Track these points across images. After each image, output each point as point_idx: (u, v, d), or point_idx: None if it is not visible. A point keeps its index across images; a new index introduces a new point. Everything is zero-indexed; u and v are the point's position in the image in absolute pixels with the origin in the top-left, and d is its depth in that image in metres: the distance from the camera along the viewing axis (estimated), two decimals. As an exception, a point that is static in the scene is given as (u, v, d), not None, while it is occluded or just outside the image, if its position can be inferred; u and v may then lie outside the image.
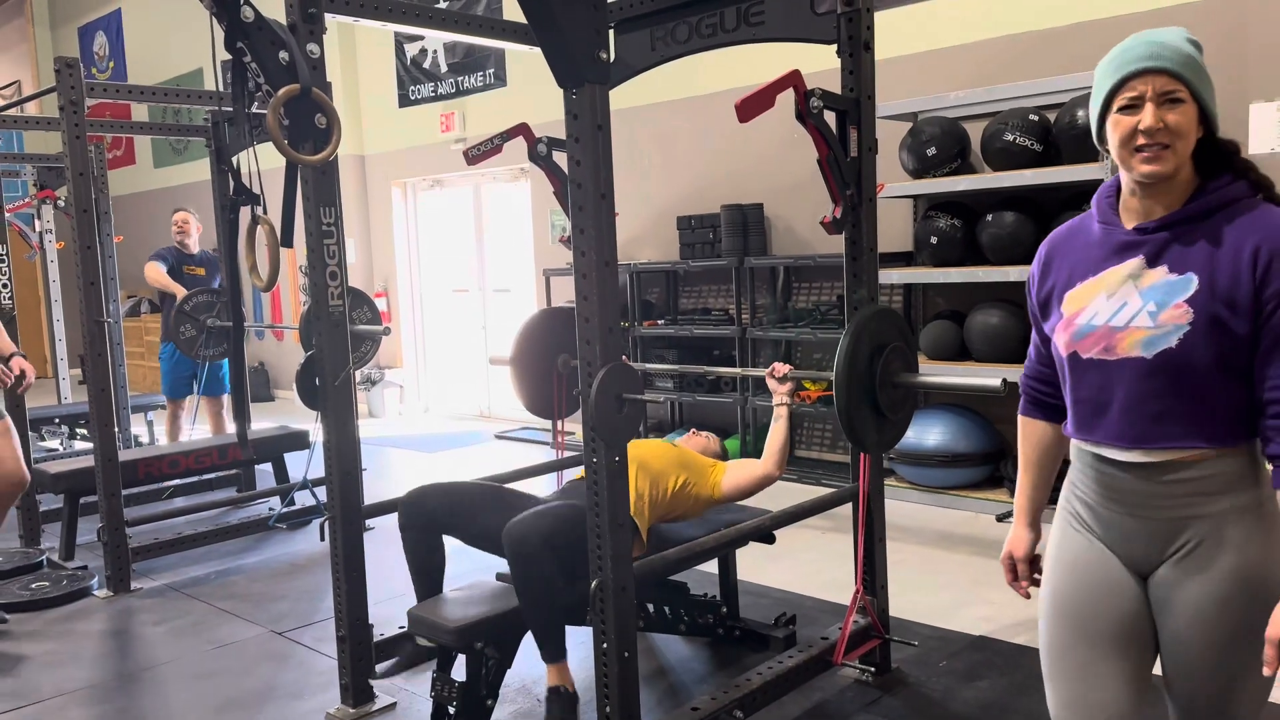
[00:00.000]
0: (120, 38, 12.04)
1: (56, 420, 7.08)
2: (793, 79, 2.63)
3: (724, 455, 3.31)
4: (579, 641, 3.07)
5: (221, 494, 5.55)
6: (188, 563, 4.60)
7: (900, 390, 2.75)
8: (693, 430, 3.41)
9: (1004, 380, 2.53)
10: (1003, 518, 4.70)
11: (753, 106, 2.53)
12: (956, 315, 5.13)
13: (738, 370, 4.00)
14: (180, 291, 5.69)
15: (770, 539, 3.21)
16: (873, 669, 3.08)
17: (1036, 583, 1.83)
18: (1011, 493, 4.88)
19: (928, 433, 5.06)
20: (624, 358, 2.20)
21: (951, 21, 5.26)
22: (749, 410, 5.93)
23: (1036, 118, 4.70)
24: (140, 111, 9.69)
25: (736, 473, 3.06)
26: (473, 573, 3.48)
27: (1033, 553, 1.84)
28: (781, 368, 3.05)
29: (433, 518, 2.91)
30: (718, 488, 3.03)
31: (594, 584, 2.21)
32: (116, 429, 4.35)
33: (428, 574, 2.95)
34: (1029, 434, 1.80)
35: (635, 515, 2.79)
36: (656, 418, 6.88)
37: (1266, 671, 1.45)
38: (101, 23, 12.31)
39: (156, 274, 5.95)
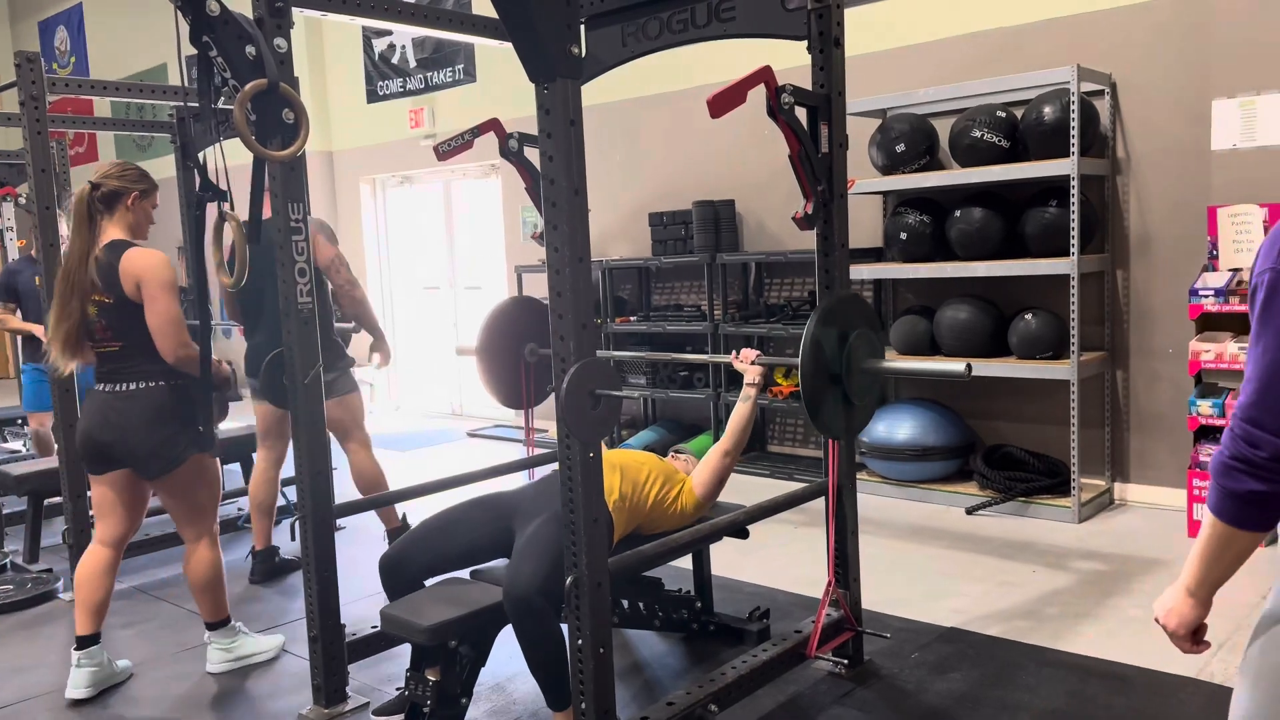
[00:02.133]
0: (81, 33, 11.85)
1: (19, 421, 6.96)
2: (764, 75, 2.64)
3: None
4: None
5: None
6: (155, 564, 4.54)
7: (867, 376, 2.76)
8: (673, 453, 3.39)
9: (968, 364, 2.57)
10: (972, 510, 4.75)
11: (725, 102, 2.53)
12: (926, 310, 5.17)
13: (707, 356, 4.00)
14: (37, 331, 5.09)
15: (744, 534, 3.22)
16: (846, 661, 3.10)
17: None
18: (981, 486, 4.93)
19: (898, 427, 5.10)
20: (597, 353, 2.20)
21: (920, 18, 5.29)
22: (721, 406, 5.95)
23: (1004, 114, 4.75)
24: (103, 107, 9.56)
25: (700, 470, 3.06)
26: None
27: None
28: (749, 353, 3.05)
29: (416, 577, 2.80)
30: (689, 492, 3.02)
31: (569, 580, 2.21)
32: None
33: None
34: (1252, 545, 1.36)
35: (612, 512, 2.79)
36: (630, 414, 6.88)
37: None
38: (62, 17, 12.11)
39: (13, 321, 5.41)
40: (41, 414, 5.66)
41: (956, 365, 2.58)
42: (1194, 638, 1.48)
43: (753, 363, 3.04)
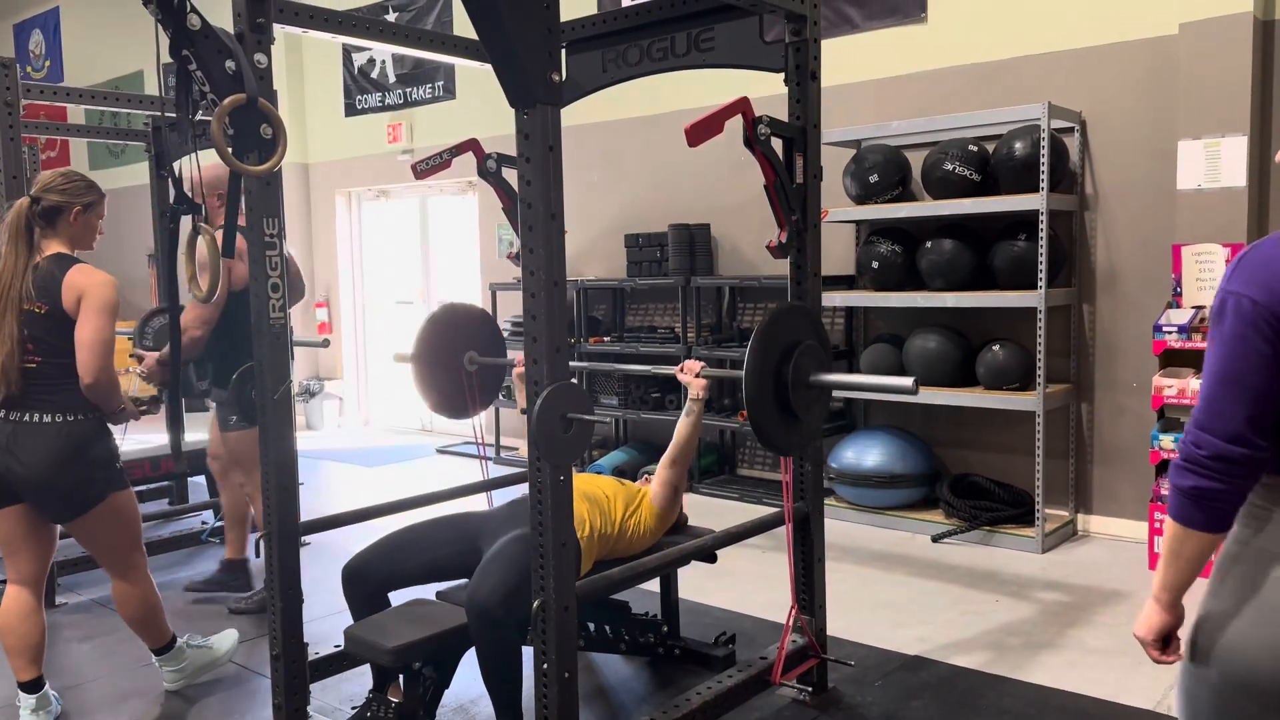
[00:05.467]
0: (58, 36, 11.75)
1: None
2: (741, 105, 2.67)
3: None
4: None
5: (153, 506, 5.40)
6: (115, 577, 4.46)
7: (813, 390, 2.71)
8: (644, 475, 3.38)
9: (915, 380, 2.53)
10: (938, 538, 4.79)
11: (702, 132, 2.56)
12: (895, 339, 5.22)
13: (652, 368, 4.03)
14: None
15: (712, 558, 3.23)
16: (810, 688, 3.11)
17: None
18: (947, 514, 4.97)
19: (866, 454, 5.14)
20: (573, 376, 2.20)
21: (895, 52, 5.37)
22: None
23: (975, 148, 4.83)
24: (77, 113, 9.44)
25: (653, 485, 3.05)
26: (412, 591, 3.43)
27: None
28: (693, 364, 3.02)
29: (379, 586, 2.81)
30: (648, 506, 3.01)
31: (536, 604, 2.20)
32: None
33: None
34: (1205, 549, 1.47)
35: (583, 543, 2.79)
36: (601, 435, 6.87)
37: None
38: (38, 20, 12.01)
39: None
40: None
41: (905, 380, 2.51)
42: (1164, 647, 1.55)
43: (698, 375, 3.01)
